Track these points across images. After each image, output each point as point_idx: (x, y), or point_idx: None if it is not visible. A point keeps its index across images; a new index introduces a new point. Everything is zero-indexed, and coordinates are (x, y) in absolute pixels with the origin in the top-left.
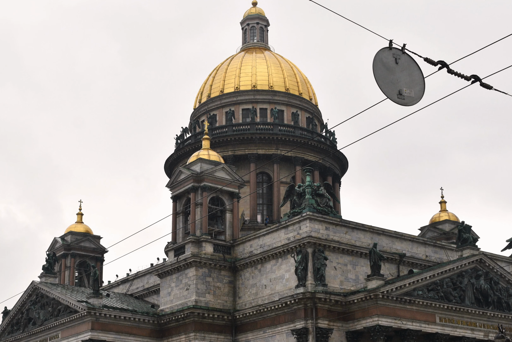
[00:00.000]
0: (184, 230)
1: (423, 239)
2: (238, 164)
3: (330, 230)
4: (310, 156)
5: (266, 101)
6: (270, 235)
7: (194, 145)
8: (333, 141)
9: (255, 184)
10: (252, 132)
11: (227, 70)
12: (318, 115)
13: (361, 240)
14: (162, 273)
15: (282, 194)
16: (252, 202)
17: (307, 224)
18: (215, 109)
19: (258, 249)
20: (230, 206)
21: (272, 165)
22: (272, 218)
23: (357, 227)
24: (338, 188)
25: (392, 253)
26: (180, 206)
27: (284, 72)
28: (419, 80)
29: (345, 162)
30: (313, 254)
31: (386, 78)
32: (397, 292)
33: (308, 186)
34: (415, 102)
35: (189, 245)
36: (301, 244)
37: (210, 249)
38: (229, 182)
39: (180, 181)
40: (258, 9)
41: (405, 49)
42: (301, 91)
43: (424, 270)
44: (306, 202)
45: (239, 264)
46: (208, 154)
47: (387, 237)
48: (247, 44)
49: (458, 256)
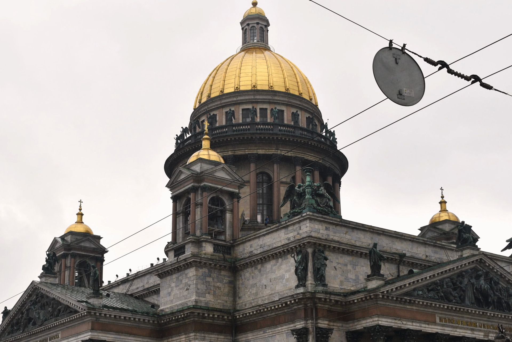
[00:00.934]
0: (184, 230)
1: (423, 239)
2: (238, 164)
3: (330, 230)
4: (310, 156)
5: (266, 101)
6: (270, 235)
7: (194, 145)
8: (333, 141)
9: (255, 184)
10: (252, 132)
11: (227, 70)
12: (318, 115)
13: (361, 240)
14: (162, 273)
15: (282, 194)
16: (252, 202)
17: (307, 224)
18: (215, 109)
19: (258, 249)
20: (230, 206)
21: (272, 165)
22: (272, 218)
23: (357, 227)
24: (338, 188)
25: (392, 253)
26: (180, 206)
27: (284, 72)
28: (419, 80)
29: (345, 162)
30: (313, 254)
31: (386, 78)
32: (397, 292)
33: (308, 186)
34: (415, 102)
35: (189, 245)
36: (301, 244)
37: (210, 249)
38: (229, 182)
39: (180, 181)
40: (258, 9)
41: (405, 49)
42: (301, 91)
43: (424, 270)
44: (306, 202)
45: (239, 264)
46: (208, 154)
47: (387, 237)
48: (247, 44)
49: (458, 256)
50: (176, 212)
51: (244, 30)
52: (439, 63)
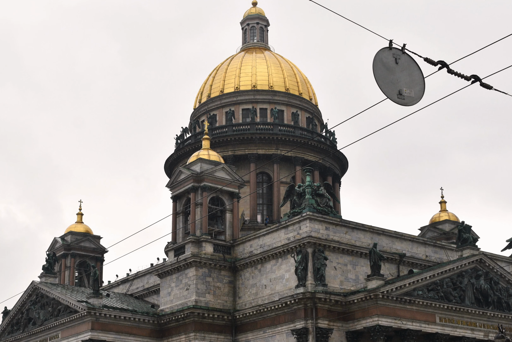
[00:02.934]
0: (184, 230)
1: (423, 239)
2: (238, 164)
3: (330, 230)
4: (310, 156)
5: (266, 101)
6: (270, 235)
7: (194, 145)
8: (333, 141)
9: (255, 184)
10: (252, 132)
11: (227, 70)
12: (318, 115)
13: (361, 240)
14: (162, 273)
15: (282, 194)
16: (252, 202)
17: (307, 224)
18: (215, 109)
19: (258, 249)
20: (230, 206)
21: (272, 166)
22: (272, 218)
23: (357, 227)
24: (338, 188)
25: (392, 253)
26: (180, 206)
27: (284, 72)
28: (419, 80)
29: (345, 162)
30: (313, 254)
31: (386, 78)
32: (397, 292)
33: (308, 186)
34: (415, 102)
35: (189, 245)
36: (301, 244)
37: (210, 249)
38: (229, 182)
39: (180, 181)
40: (258, 9)
41: (405, 49)
42: (301, 91)
43: (424, 270)
44: (306, 202)
45: (239, 264)
46: (208, 154)
47: (387, 237)
48: (247, 44)
49: (458, 256)
50: (176, 212)
51: (244, 30)
52: (439, 63)
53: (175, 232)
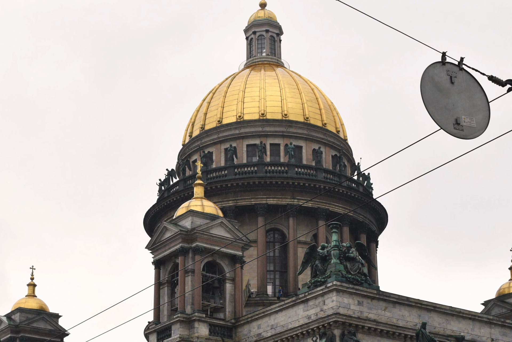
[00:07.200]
0: (171, 305)
1: (488, 317)
2: (242, 218)
3: (364, 305)
4: (337, 208)
5: (278, 134)
6: (285, 312)
7: (183, 194)
8: (368, 187)
9: (264, 244)
10: (261, 176)
11: (227, 93)
12: (348, 153)
13: (406, 318)
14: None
15: (300, 257)
16: (260, 268)
17: (333, 297)
18: (211, 145)
19: (268, 331)
20: (232, 274)
21: (287, 220)
22: (287, 289)
23: (399, 301)
24: (375, 250)
25: (447, 336)
26: (164, 274)
27: (303, 96)
28: (482, 106)
29: (383, 215)
30: (341, 337)
31: (439, 103)
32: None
33: (335, 246)
34: (478, 134)
35: (177, 326)
36: (325, 324)
37: (205, 331)
38: (229, 241)
39: (165, 241)
40: (267, 12)
41: (463, 65)
42: (325, 121)
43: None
44: (332, 268)
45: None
46: (201, 205)
47: (439, 314)
48: (253, 58)
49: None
50: (160, 282)
51: (250, 40)
52: (508, 83)
53: (158, 308)
